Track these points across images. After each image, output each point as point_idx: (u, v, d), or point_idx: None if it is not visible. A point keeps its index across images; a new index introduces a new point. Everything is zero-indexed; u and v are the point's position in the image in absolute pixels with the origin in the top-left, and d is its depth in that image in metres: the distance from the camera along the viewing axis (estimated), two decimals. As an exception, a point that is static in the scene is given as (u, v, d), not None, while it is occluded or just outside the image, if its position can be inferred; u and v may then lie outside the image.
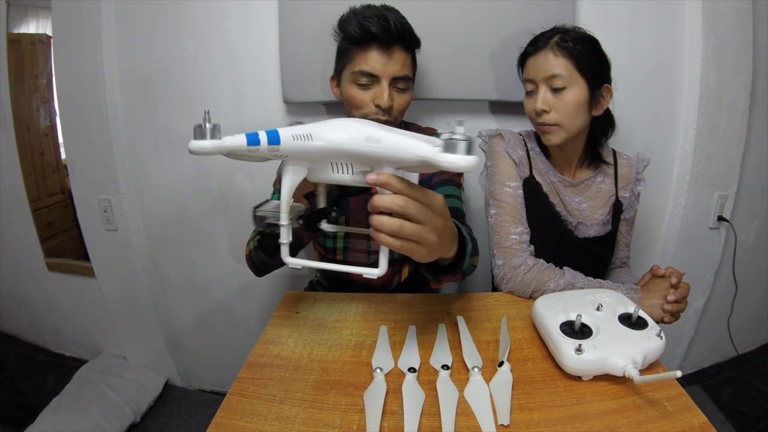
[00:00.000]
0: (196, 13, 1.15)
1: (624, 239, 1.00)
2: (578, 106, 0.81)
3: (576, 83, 0.80)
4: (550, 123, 0.83)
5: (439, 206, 0.48)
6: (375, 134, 0.46)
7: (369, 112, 0.84)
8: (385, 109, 0.83)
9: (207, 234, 1.35)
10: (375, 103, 0.83)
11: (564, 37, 0.81)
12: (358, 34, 0.80)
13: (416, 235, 0.46)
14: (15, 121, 1.47)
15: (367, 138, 0.46)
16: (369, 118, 0.83)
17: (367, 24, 0.79)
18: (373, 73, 0.81)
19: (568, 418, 0.51)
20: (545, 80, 0.82)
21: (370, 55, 0.81)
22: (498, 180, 0.90)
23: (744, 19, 1.17)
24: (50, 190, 1.66)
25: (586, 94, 0.81)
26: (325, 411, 0.54)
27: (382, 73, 0.81)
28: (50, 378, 1.62)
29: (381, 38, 0.79)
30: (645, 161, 0.95)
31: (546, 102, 0.82)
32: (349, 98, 0.85)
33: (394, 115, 0.86)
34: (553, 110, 0.82)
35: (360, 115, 0.85)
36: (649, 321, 0.61)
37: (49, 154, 1.64)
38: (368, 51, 0.81)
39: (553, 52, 0.81)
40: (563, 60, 0.80)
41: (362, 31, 0.79)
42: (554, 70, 0.80)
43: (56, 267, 1.61)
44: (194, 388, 1.60)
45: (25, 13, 1.48)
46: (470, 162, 0.40)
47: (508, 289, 0.83)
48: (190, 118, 1.22)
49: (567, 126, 0.83)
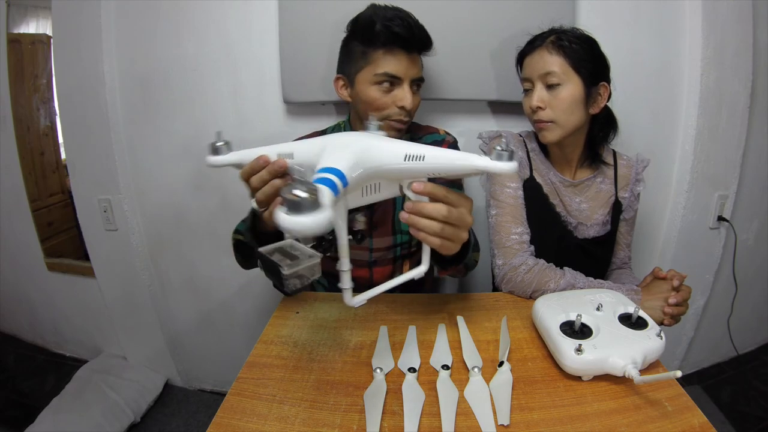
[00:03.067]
0: (196, 13, 1.15)
1: (624, 239, 1.00)
2: (573, 102, 0.82)
3: (570, 80, 0.81)
4: (546, 120, 0.84)
5: (470, 208, 0.56)
6: (413, 151, 0.49)
7: (392, 114, 0.84)
8: (408, 111, 0.83)
9: (207, 234, 1.35)
10: (399, 105, 0.83)
11: (560, 36, 0.82)
12: (385, 36, 0.79)
13: (453, 236, 0.54)
14: (15, 121, 1.47)
15: (406, 156, 0.49)
16: (391, 120, 0.84)
17: (392, 25, 0.78)
18: (397, 75, 0.81)
19: (568, 418, 0.51)
20: (540, 78, 0.83)
21: (394, 57, 0.81)
22: (498, 181, 0.90)
23: (744, 19, 1.17)
24: (50, 190, 1.66)
25: (581, 91, 0.82)
26: (325, 411, 0.54)
27: (404, 75, 0.82)
28: (50, 378, 1.62)
29: (405, 40, 0.80)
30: (645, 162, 0.95)
31: (541, 99, 0.83)
32: (370, 100, 0.83)
33: (413, 114, 0.87)
34: (548, 107, 0.83)
35: (381, 117, 0.83)
36: (649, 321, 0.61)
37: (49, 154, 1.64)
38: (392, 53, 0.80)
39: (548, 50, 0.82)
40: (557, 57, 0.81)
41: (388, 33, 0.79)
42: (549, 67, 0.81)
43: (56, 267, 1.61)
44: (194, 388, 1.60)
45: (25, 13, 1.48)
46: (515, 167, 0.47)
47: (509, 289, 0.83)
48: (191, 118, 1.23)
49: (562, 123, 0.83)
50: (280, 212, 0.37)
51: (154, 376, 1.55)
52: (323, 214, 0.36)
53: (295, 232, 0.37)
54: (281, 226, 0.36)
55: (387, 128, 0.85)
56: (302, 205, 0.35)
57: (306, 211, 0.35)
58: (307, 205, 0.35)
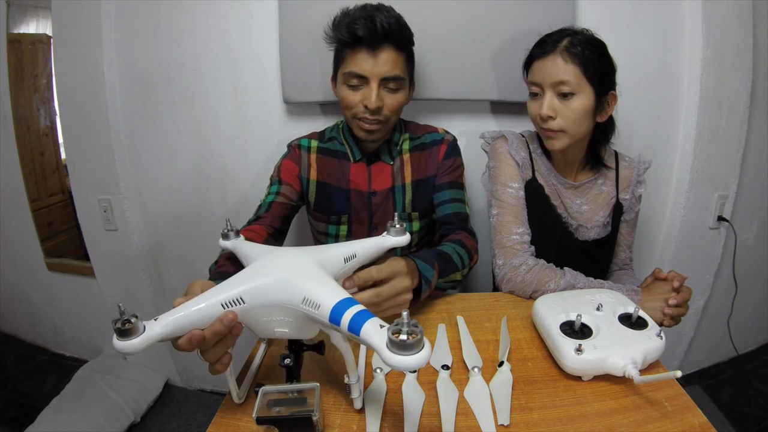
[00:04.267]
0: (196, 13, 1.15)
1: (625, 240, 1.00)
2: (584, 113, 0.80)
3: (583, 91, 0.79)
4: (555, 129, 0.82)
5: (404, 270, 0.63)
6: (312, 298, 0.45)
7: (358, 112, 0.85)
8: (373, 110, 0.83)
9: (207, 234, 1.35)
10: (363, 104, 0.84)
11: (573, 42, 0.79)
12: (346, 37, 0.81)
13: (394, 305, 0.62)
14: (15, 121, 1.47)
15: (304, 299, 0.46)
16: (358, 118, 0.85)
17: (354, 26, 0.79)
18: (361, 74, 0.82)
19: (568, 418, 0.51)
20: (552, 86, 0.80)
21: (358, 57, 0.82)
22: (500, 181, 0.90)
23: (744, 19, 1.16)
24: (50, 190, 1.65)
25: (592, 102, 0.80)
26: (325, 411, 0.54)
27: (370, 74, 0.82)
28: (50, 378, 1.62)
29: (367, 40, 0.80)
30: (646, 164, 0.94)
31: (552, 108, 0.81)
32: (341, 98, 0.87)
33: (386, 115, 0.86)
34: (558, 116, 0.81)
35: (351, 114, 0.86)
36: (649, 321, 0.61)
37: (49, 154, 1.64)
38: (357, 52, 0.82)
39: (562, 57, 0.79)
40: (572, 66, 0.78)
41: (349, 34, 0.80)
42: (562, 76, 0.78)
43: (56, 267, 1.61)
44: (194, 388, 1.60)
45: (25, 13, 1.48)
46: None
47: (509, 289, 0.83)
48: (190, 118, 1.23)
49: (572, 132, 0.82)
50: (391, 353, 0.36)
51: (154, 376, 1.55)
52: (428, 347, 0.36)
53: (401, 369, 0.37)
54: (394, 367, 0.36)
55: (357, 128, 0.88)
56: (410, 345, 0.35)
57: (412, 350, 0.35)
58: (412, 345, 0.35)
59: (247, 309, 0.46)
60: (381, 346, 0.36)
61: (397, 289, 0.61)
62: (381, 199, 0.95)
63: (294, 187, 0.94)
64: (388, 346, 0.36)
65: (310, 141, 0.97)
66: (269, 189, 0.94)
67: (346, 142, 0.95)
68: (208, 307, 0.45)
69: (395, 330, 0.36)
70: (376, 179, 0.94)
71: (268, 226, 0.88)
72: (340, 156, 0.95)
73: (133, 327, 0.41)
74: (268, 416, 0.44)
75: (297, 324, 0.47)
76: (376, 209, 0.95)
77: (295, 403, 0.46)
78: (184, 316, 0.44)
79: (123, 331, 0.40)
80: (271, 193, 0.93)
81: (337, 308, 0.42)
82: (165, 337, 0.43)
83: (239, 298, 0.46)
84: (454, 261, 0.80)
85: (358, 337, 0.39)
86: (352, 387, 0.52)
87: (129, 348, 0.40)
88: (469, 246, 0.86)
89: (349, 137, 0.95)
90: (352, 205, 0.95)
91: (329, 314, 0.42)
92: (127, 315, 0.41)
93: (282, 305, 0.46)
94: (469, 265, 0.84)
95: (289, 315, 0.47)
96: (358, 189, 0.94)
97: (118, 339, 0.41)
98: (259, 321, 0.48)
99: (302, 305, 0.44)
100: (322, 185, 0.95)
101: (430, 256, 0.75)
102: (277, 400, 0.46)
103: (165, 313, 0.44)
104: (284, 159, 0.96)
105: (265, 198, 0.92)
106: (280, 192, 0.92)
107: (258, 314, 0.47)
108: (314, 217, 1.00)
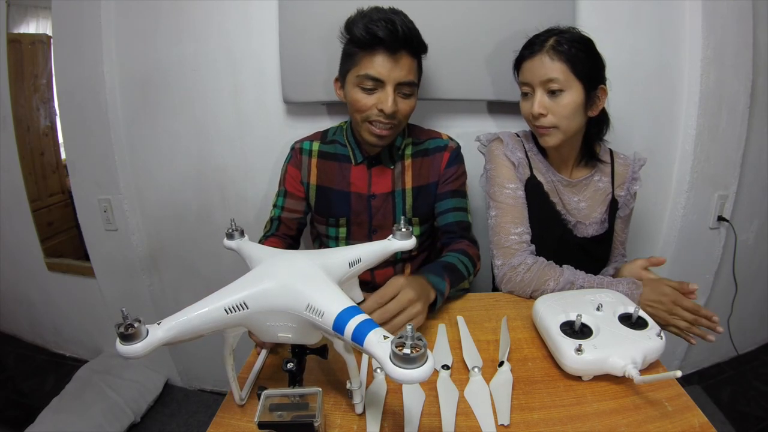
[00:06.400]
0: (196, 13, 1.15)
1: (619, 237, 1.00)
2: (575, 108, 0.82)
3: (572, 86, 0.81)
4: (548, 125, 0.83)
5: (404, 284, 0.66)
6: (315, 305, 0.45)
7: (371, 116, 0.83)
8: (388, 115, 0.82)
9: (207, 234, 1.35)
10: (378, 108, 0.82)
11: (559, 40, 0.81)
12: (365, 38, 0.78)
13: (406, 319, 0.64)
14: (15, 121, 1.47)
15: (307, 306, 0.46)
16: (370, 121, 0.83)
17: (374, 28, 0.77)
18: (378, 77, 0.80)
19: (568, 418, 0.51)
20: (541, 84, 0.82)
21: (376, 60, 0.80)
22: (497, 182, 0.90)
23: (744, 19, 1.17)
24: (50, 190, 1.65)
25: (582, 97, 0.81)
26: (325, 411, 0.54)
27: (387, 78, 0.80)
28: (50, 378, 1.62)
29: (388, 43, 0.78)
30: (641, 161, 0.95)
31: (543, 105, 0.82)
32: (353, 101, 0.84)
33: (399, 119, 0.85)
34: (550, 113, 0.83)
35: (362, 118, 0.84)
36: (649, 321, 0.61)
37: (49, 154, 1.64)
38: (374, 55, 0.80)
39: (549, 56, 0.81)
40: (559, 64, 0.80)
41: (369, 35, 0.78)
42: (550, 74, 0.80)
43: (56, 267, 1.61)
44: (194, 388, 1.60)
45: (25, 13, 1.48)
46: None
47: (508, 289, 0.83)
48: (190, 118, 1.23)
49: (564, 128, 0.83)
50: (394, 366, 0.35)
51: (154, 376, 1.55)
52: (431, 361, 0.36)
53: (404, 383, 0.37)
54: (396, 380, 0.36)
55: (368, 132, 0.86)
56: (413, 359, 0.35)
57: (415, 364, 0.35)
58: (415, 359, 0.35)
59: (250, 314, 0.46)
60: (384, 358, 0.36)
61: (402, 303, 0.64)
62: (381, 202, 0.95)
63: (298, 197, 0.97)
64: (391, 359, 0.36)
65: (312, 144, 0.97)
66: (276, 199, 0.99)
67: (349, 145, 0.95)
68: (211, 311, 0.45)
69: (399, 343, 0.36)
70: (376, 182, 0.94)
71: (283, 237, 0.98)
72: (341, 159, 0.95)
73: (137, 331, 0.40)
74: (270, 421, 0.44)
75: (300, 330, 0.47)
76: (376, 212, 0.95)
77: (297, 407, 0.46)
78: (188, 321, 0.44)
79: (126, 335, 0.40)
80: (277, 206, 0.98)
81: (342, 317, 0.41)
82: (168, 341, 0.43)
83: (243, 303, 0.45)
84: (460, 270, 0.82)
85: (362, 347, 0.39)
86: (354, 393, 0.52)
87: (132, 352, 0.40)
88: (472, 254, 0.89)
89: (352, 140, 0.94)
90: (352, 208, 0.95)
91: (333, 323, 0.42)
92: (131, 319, 0.41)
93: (285, 311, 0.46)
94: (473, 272, 0.87)
95: (293, 321, 0.46)
96: (358, 191, 0.94)
97: (121, 343, 0.40)
98: (263, 326, 0.48)
99: (306, 312, 0.44)
100: (321, 189, 0.96)
101: (439, 269, 0.77)
102: (279, 404, 0.46)
103: (168, 317, 0.44)
104: (288, 164, 0.98)
105: (273, 211, 0.98)
106: (285, 207, 0.97)
107: (261, 319, 0.47)
108: (314, 219, 1.00)
